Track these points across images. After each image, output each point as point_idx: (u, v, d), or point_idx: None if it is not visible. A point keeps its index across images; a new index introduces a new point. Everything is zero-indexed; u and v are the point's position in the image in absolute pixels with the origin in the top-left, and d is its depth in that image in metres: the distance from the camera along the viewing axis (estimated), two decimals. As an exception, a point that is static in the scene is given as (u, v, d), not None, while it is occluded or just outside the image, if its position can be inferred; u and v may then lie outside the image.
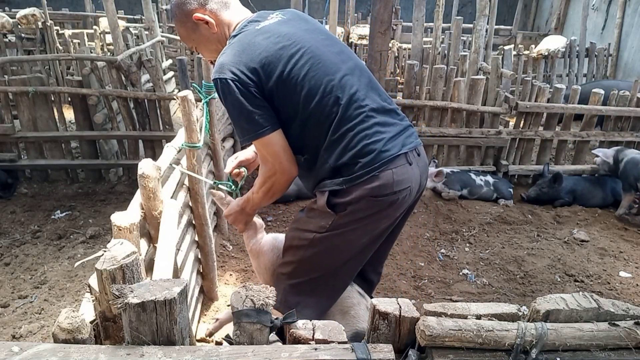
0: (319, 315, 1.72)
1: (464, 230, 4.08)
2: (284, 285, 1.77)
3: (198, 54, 8.04)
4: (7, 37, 7.52)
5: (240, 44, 1.59)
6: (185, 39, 1.76)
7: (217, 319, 2.22)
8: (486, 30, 6.59)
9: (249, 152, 2.01)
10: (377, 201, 1.59)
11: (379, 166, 1.56)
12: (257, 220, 1.97)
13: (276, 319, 1.12)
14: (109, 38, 7.56)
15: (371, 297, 2.03)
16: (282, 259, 1.83)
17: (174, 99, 4.39)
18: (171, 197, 2.05)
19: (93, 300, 1.17)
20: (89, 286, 1.20)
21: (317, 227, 1.66)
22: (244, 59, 1.54)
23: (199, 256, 2.71)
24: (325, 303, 1.77)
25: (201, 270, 2.76)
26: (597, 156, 4.61)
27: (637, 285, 3.35)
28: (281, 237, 1.94)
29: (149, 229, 1.85)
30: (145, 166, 1.75)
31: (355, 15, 10.63)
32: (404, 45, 8.57)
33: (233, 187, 2.04)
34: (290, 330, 1.14)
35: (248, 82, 1.53)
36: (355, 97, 1.60)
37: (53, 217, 3.99)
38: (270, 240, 1.94)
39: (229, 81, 1.52)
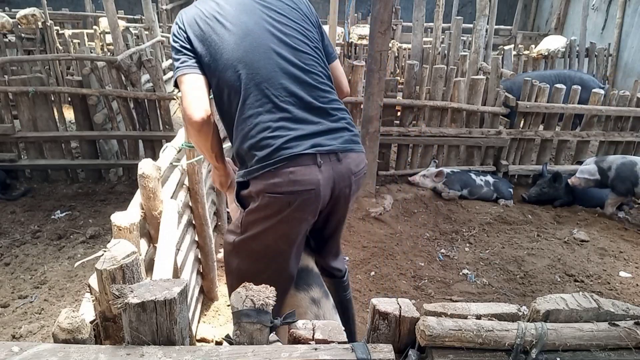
0: None
1: (464, 230, 4.08)
2: None
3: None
4: (7, 37, 7.51)
5: (198, 2, 1.72)
6: None
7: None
8: (486, 30, 6.59)
9: None
10: (274, 198, 1.54)
11: (274, 163, 1.51)
12: None
13: (276, 318, 1.12)
14: (109, 38, 7.55)
15: (341, 274, 2.03)
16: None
17: (174, 99, 4.39)
18: (171, 197, 2.05)
19: (93, 300, 1.17)
20: (89, 286, 1.20)
21: (235, 227, 1.70)
22: (190, 13, 1.66)
23: (199, 256, 2.71)
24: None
25: (201, 270, 2.76)
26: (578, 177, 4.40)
27: (637, 285, 3.35)
28: None
29: (149, 229, 1.86)
30: (145, 166, 1.75)
31: (355, 15, 10.63)
32: (404, 45, 8.56)
33: None
34: (290, 330, 1.14)
35: (182, 31, 1.64)
36: (272, 82, 1.56)
37: (53, 217, 3.99)
38: None
39: (174, 25, 1.69)
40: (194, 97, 1.59)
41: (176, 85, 1.65)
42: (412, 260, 3.55)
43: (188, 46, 1.62)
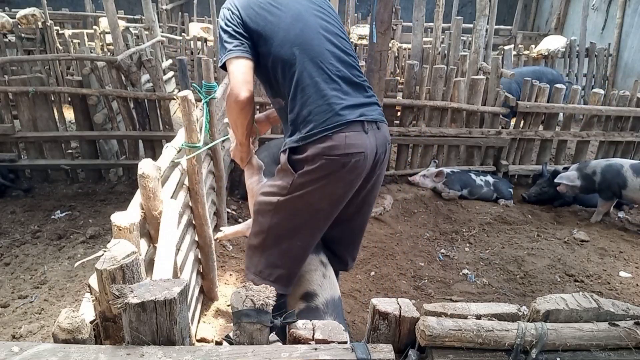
0: (289, 283, 1.87)
1: (464, 230, 4.08)
2: (257, 258, 1.90)
3: (198, 53, 8.04)
4: (7, 37, 7.51)
5: None
6: None
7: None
8: (486, 30, 6.58)
9: (262, 115, 2.27)
10: (330, 160, 1.68)
11: (332, 127, 1.68)
12: (257, 161, 2.18)
13: (276, 319, 1.12)
14: (109, 38, 7.55)
15: (347, 269, 2.21)
16: (252, 229, 1.96)
17: (174, 99, 4.39)
18: (171, 197, 2.05)
19: (93, 300, 1.17)
20: (89, 286, 1.20)
21: (280, 188, 1.80)
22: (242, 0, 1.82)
23: (199, 256, 2.71)
24: (294, 271, 1.88)
25: (201, 270, 2.76)
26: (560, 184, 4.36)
27: (637, 285, 3.35)
28: None
29: (149, 229, 1.85)
30: (145, 166, 1.74)
31: (355, 15, 10.62)
32: (404, 45, 8.57)
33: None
34: (290, 330, 1.14)
35: (236, 16, 1.78)
36: (325, 57, 1.75)
37: (53, 217, 3.99)
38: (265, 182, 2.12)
39: (225, 10, 1.82)
40: (243, 78, 1.75)
41: (223, 66, 1.79)
42: (412, 260, 3.55)
43: (241, 30, 1.77)
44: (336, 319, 1.71)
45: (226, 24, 1.78)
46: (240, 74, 1.75)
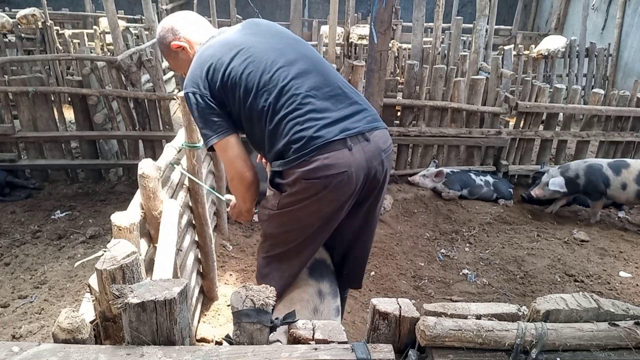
0: (281, 287, 1.88)
1: (464, 230, 4.08)
2: (261, 256, 1.98)
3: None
4: (7, 37, 7.51)
5: (196, 59, 1.82)
6: (175, 68, 2.02)
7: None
8: (486, 30, 6.59)
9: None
10: (310, 183, 1.66)
11: (309, 151, 1.64)
12: None
13: (276, 318, 1.12)
14: (109, 38, 7.55)
15: (360, 286, 2.16)
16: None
17: (174, 99, 4.39)
18: (171, 197, 2.05)
19: (93, 300, 1.17)
20: (89, 286, 1.20)
21: (271, 205, 1.82)
22: (198, 73, 1.76)
23: (199, 256, 2.71)
24: (287, 277, 1.90)
25: (201, 270, 2.76)
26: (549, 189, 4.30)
27: (637, 285, 3.35)
28: None
29: (149, 229, 1.85)
30: (145, 166, 1.74)
31: (355, 15, 10.62)
32: (404, 45, 8.57)
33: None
34: (290, 330, 1.14)
35: (204, 92, 1.74)
36: (289, 86, 1.69)
37: (53, 217, 3.99)
38: None
39: (190, 94, 1.75)
40: (243, 159, 1.78)
41: (211, 148, 1.78)
42: (412, 260, 3.55)
43: (216, 108, 1.74)
44: None
45: (198, 110, 1.73)
46: (236, 156, 1.77)
